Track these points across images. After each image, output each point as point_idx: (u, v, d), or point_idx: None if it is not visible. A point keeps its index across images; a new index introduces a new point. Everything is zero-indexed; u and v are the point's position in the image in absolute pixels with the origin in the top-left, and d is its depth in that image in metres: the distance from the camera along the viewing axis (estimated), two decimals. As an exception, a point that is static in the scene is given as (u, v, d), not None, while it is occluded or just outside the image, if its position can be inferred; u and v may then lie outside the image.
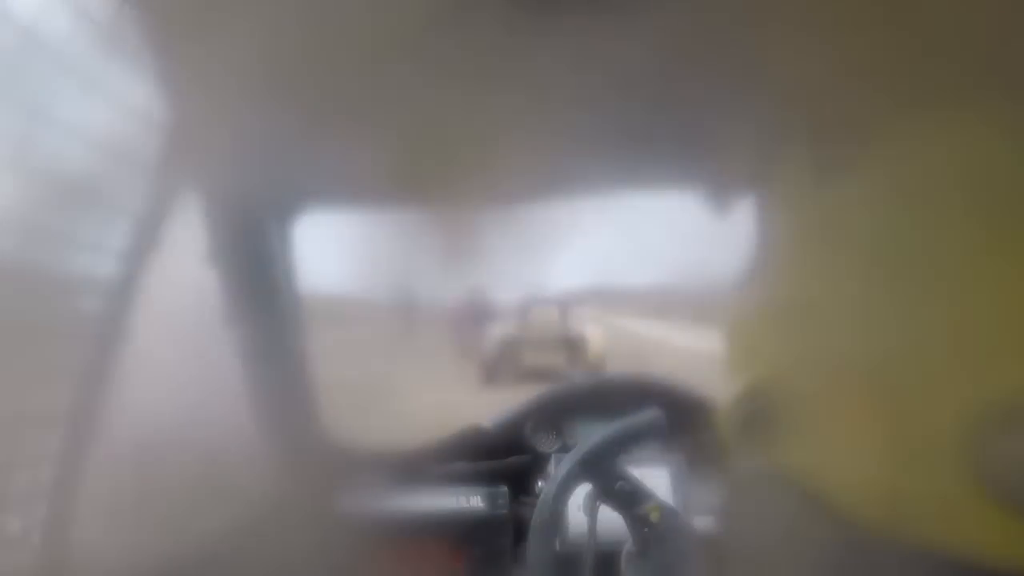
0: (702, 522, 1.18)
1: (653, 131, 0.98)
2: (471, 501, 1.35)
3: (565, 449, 1.42)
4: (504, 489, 1.37)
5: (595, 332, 3.88)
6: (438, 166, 0.96)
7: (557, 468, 1.15)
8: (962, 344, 0.56)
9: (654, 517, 1.02)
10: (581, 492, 1.08)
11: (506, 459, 1.43)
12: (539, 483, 1.38)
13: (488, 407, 1.52)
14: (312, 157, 1.02)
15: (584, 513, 1.09)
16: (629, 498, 1.04)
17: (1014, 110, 0.59)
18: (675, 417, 1.14)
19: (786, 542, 0.66)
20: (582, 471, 1.05)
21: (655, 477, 1.29)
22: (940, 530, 0.54)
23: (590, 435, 1.10)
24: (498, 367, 3.79)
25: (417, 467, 1.37)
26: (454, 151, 0.93)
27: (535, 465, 1.42)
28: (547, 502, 1.05)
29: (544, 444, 1.46)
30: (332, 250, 1.26)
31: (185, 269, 1.15)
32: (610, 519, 1.05)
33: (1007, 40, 0.58)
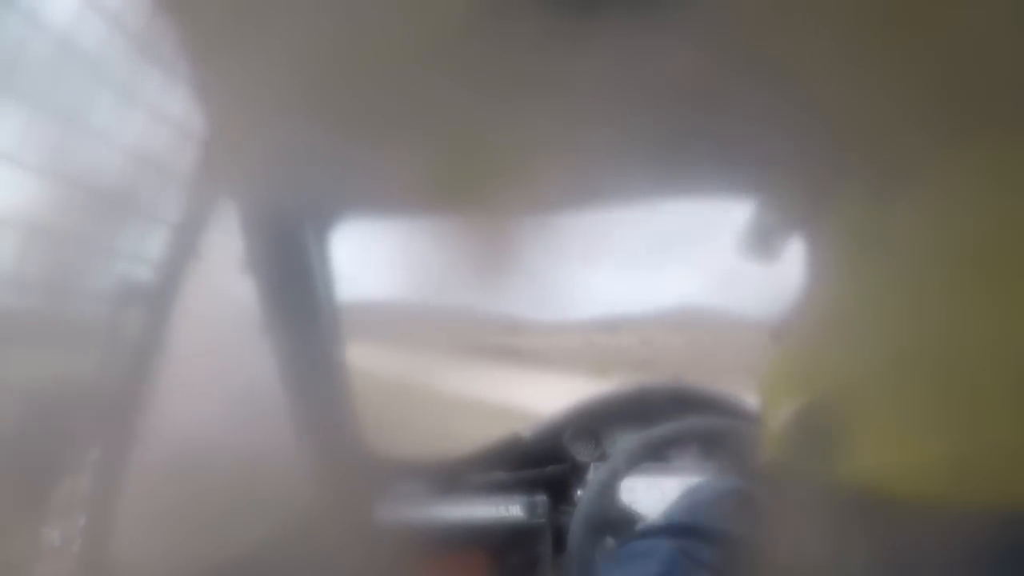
0: (744, 537, 1.15)
1: (696, 142, 0.95)
2: (510, 510, 1.34)
3: (604, 458, 1.40)
4: (543, 498, 1.36)
5: None
6: (476, 174, 0.94)
7: (592, 477, 1.13)
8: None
9: None
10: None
11: (545, 468, 1.42)
12: (578, 492, 1.37)
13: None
14: (348, 166, 1.01)
15: None
16: None
17: None
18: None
19: (837, 555, 0.63)
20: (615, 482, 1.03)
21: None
22: (1010, 488, 0.53)
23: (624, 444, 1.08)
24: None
25: (455, 476, 1.36)
26: (492, 159, 0.91)
27: (574, 474, 1.41)
28: (583, 512, 1.03)
29: (583, 453, 1.44)
30: (369, 259, 1.25)
31: (223, 279, 1.14)
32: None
33: None
